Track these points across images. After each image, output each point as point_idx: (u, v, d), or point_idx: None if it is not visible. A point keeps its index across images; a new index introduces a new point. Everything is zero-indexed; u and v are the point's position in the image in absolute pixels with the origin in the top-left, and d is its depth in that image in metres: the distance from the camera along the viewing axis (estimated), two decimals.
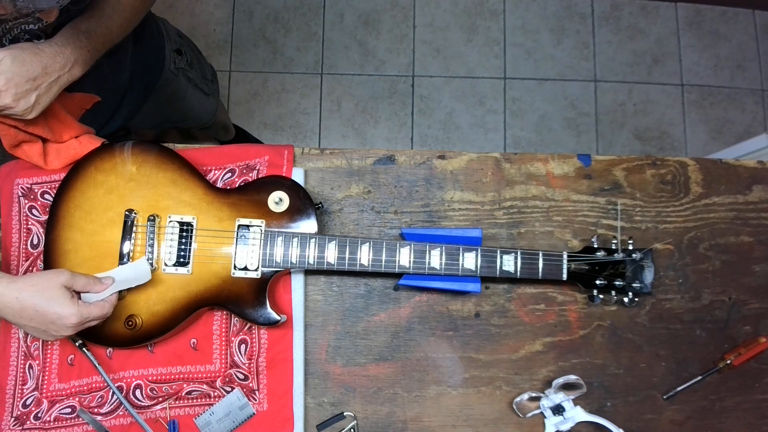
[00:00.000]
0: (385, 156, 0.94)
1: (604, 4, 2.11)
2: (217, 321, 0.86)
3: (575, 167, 0.94)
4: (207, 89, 1.29)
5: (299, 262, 0.81)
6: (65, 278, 0.71)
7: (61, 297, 0.70)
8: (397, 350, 0.89)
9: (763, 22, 2.12)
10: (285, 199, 0.83)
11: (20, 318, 0.70)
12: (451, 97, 2.03)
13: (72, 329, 0.72)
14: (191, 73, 1.20)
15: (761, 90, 2.09)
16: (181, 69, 1.15)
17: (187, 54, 1.18)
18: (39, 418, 0.83)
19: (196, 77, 1.22)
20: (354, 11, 2.06)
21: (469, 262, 0.82)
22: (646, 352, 0.90)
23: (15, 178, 0.89)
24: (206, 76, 1.29)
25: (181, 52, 1.15)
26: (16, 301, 0.69)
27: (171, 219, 0.82)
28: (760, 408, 0.90)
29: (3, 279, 0.70)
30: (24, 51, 0.72)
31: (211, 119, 1.40)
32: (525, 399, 0.86)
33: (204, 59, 1.30)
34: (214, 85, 1.33)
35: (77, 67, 0.78)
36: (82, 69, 0.79)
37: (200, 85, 1.25)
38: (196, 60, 1.23)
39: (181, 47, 1.16)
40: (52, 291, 0.70)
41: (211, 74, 1.32)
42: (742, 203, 0.95)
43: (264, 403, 0.84)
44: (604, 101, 2.06)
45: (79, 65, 0.78)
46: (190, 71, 1.19)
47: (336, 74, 2.03)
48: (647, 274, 0.84)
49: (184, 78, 1.17)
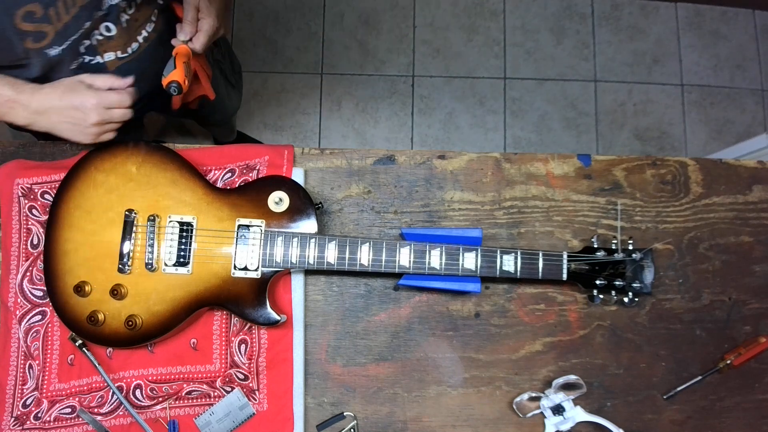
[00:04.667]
0: (385, 156, 0.94)
1: (604, 4, 2.11)
2: (217, 321, 0.86)
3: (575, 167, 0.94)
4: (234, 82, 1.29)
5: (299, 262, 0.81)
6: (84, 76, 0.80)
7: (80, 87, 0.78)
8: (397, 350, 0.89)
9: (763, 22, 2.12)
10: (285, 199, 0.83)
11: (49, 116, 0.78)
12: (451, 97, 2.03)
13: (95, 113, 0.78)
14: (224, 65, 1.21)
15: (761, 90, 2.09)
16: (217, 61, 1.15)
17: (222, 45, 1.19)
18: (39, 418, 0.83)
19: (227, 69, 1.23)
20: (354, 11, 2.06)
21: (469, 262, 0.82)
22: (646, 352, 0.90)
23: (15, 178, 0.89)
24: (234, 69, 1.30)
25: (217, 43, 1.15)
26: (45, 100, 0.78)
27: (171, 219, 0.82)
28: (760, 408, 0.90)
29: (27, 87, 0.77)
30: None
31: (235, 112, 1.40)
32: (525, 399, 0.86)
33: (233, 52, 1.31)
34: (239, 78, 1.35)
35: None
36: None
37: (230, 78, 1.25)
38: (228, 52, 1.24)
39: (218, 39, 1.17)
40: (72, 84, 0.78)
41: (238, 67, 1.33)
42: (742, 203, 0.95)
43: (264, 403, 0.84)
44: (604, 101, 2.06)
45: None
46: (224, 63, 1.20)
47: (336, 74, 2.03)
48: (647, 274, 0.84)
49: (217, 69, 1.17)
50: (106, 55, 0.84)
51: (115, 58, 0.86)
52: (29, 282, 0.86)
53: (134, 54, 0.88)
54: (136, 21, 0.85)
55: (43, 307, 0.86)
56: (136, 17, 0.84)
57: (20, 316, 0.85)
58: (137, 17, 0.84)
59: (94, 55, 0.83)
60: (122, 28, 0.83)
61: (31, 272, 0.86)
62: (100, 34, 0.81)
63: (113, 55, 0.85)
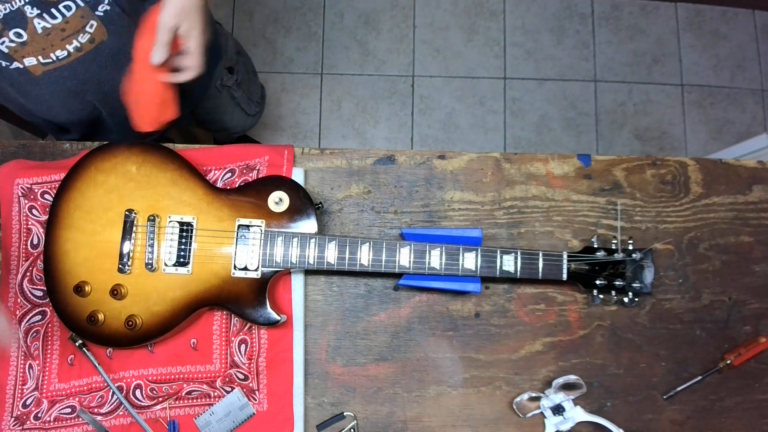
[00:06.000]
0: (385, 156, 0.94)
1: (604, 4, 2.11)
2: (217, 321, 0.86)
3: (575, 167, 0.94)
4: (249, 110, 1.28)
5: (299, 262, 0.81)
6: None
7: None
8: (397, 350, 0.89)
9: (763, 22, 2.12)
10: (285, 199, 0.83)
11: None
12: (451, 97, 2.03)
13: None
14: (237, 92, 1.19)
15: (761, 90, 2.09)
16: (226, 87, 1.15)
17: (239, 74, 1.17)
18: (39, 418, 0.83)
19: (240, 97, 1.22)
20: (354, 11, 2.06)
21: (469, 262, 0.82)
22: (646, 352, 0.90)
23: (15, 178, 0.89)
24: (252, 98, 1.28)
25: (233, 71, 1.14)
26: None
27: (171, 219, 0.82)
28: (760, 408, 0.90)
29: None
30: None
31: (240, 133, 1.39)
32: (525, 399, 0.86)
33: (256, 80, 1.29)
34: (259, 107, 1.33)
35: None
36: None
37: (243, 105, 1.24)
38: (247, 81, 1.23)
39: (235, 66, 1.16)
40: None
41: (259, 96, 1.32)
42: (742, 203, 0.95)
43: (264, 403, 0.84)
44: (604, 101, 2.06)
45: None
46: (237, 91, 1.19)
47: (336, 74, 2.03)
48: (647, 274, 0.84)
49: (227, 95, 1.16)
50: (26, 60, 0.84)
51: (37, 63, 0.85)
52: (29, 282, 0.86)
53: (64, 60, 0.86)
54: (63, 31, 0.83)
55: (43, 307, 0.86)
56: (62, 27, 0.82)
57: (20, 316, 0.85)
58: (63, 27, 0.82)
59: (11, 61, 0.83)
60: (38, 35, 0.82)
61: (31, 272, 0.86)
62: (11, 41, 0.81)
63: (34, 60, 0.84)
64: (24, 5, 0.78)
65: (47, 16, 0.80)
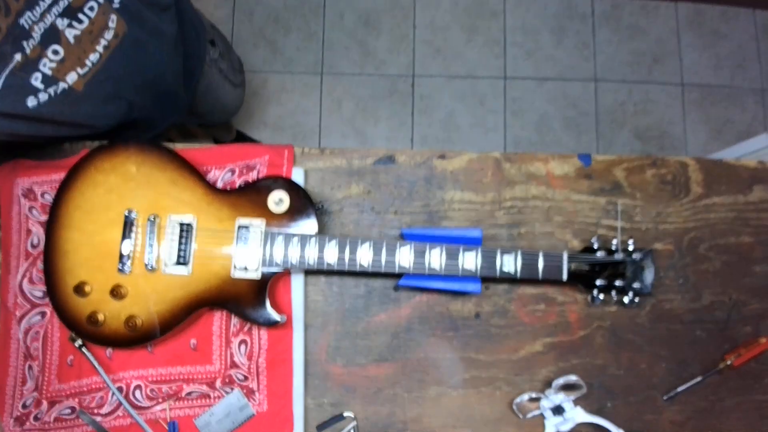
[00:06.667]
0: (385, 156, 0.94)
1: (604, 4, 2.11)
2: (217, 321, 0.86)
3: (575, 167, 0.94)
4: (235, 80, 1.27)
5: (299, 263, 0.81)
6: None
7: None
8: (397, 351, 0.89)
9: (763, 22, 2.12)
10: (285, 199, 0.83)
11: None
12: (451, 97, 2.03)
13: None
14: (222, 64, 1.18)
15: (761, 89, 2.09)
16: (214, 60, 1.14)
17: (219, 45, 1.17)
18: (39, 418, 0.83)
19: (227, 69, 1.21)
20: (354, 11, 2.06)
21: (469, 263, 0.82)
22: (646, 353, 0.90)
23: (15, 178, 0.89)
24: (235, 67, 1.27)
25: (214, 43, 1.13)
26: None
27: (171, 219, 0.82)
28: (760, 408, 0.90)
29: None
30: None
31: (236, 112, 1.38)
32: (525, 399, 0.86)
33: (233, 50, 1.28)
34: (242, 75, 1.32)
35: None
36: None
37: (230, 77, 1.23)
38: (227, 50, 1.22)
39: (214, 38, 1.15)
40: None
41: (239, 63, 1.30)
42: (743, 203, 0.94)
43: (264, 404, 0.84)
44: (604, 101, 2.06)
45: None
46: (222, 62, 1.18)
47: (336, 74, 2.03)
48: (647, 274, 0.84)
49: (216, 70, 1.15)
50: (68, 77, 0.79)
51: (77, 77, 0.81)
52: (29, 282, 0.86)
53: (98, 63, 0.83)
54: (91, 33, 0.81)
55: (43, 308, 0.86)
56: (89, 29, 0.80)
57: (20, 317, 0.85)
58: (90, 29, 0.80)
59: (56, 83, 0.78)
60: (71, 45, 0.79)
61: (31, 272, 0.86)
62: (50, 60, 0.76)
63: (75, 75, 0.80)
64: (56, 19, 0.76)
65: (75, 23, 0.78)
